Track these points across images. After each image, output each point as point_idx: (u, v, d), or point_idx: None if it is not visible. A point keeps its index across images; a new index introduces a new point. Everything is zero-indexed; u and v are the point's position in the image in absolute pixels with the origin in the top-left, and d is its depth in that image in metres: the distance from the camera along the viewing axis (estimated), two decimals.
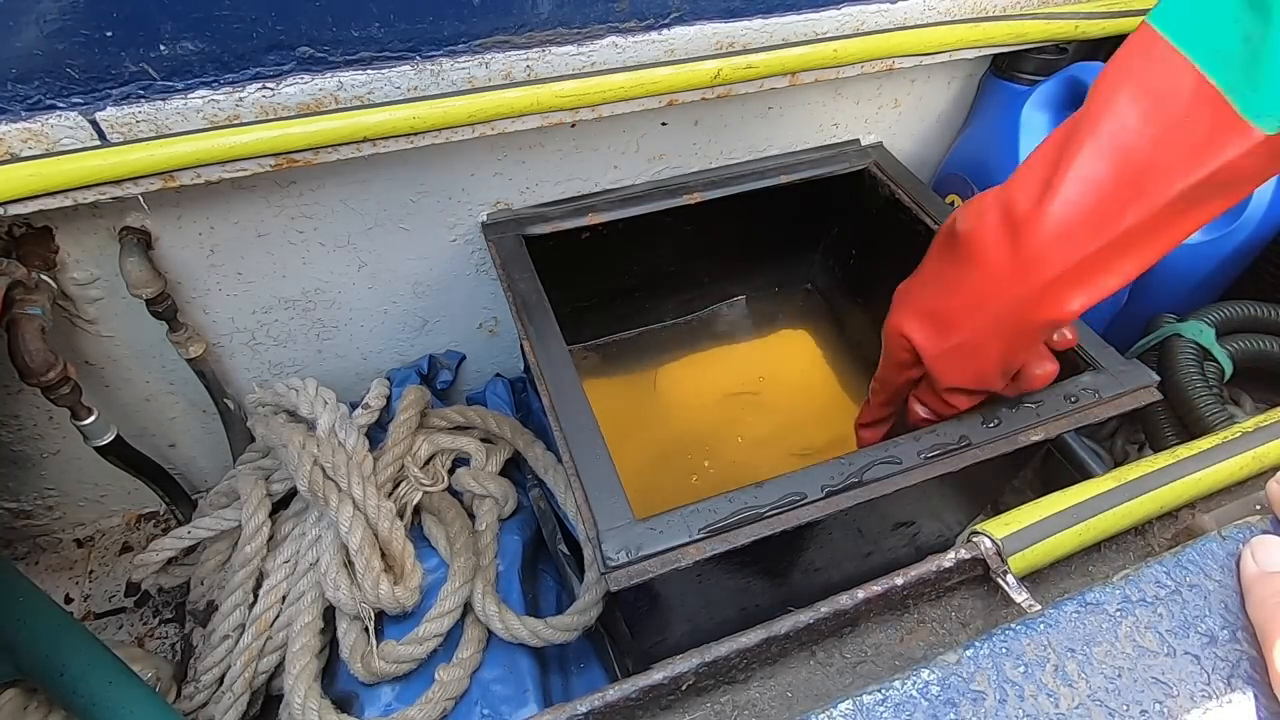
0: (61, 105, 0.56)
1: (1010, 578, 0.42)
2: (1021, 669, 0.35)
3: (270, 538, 0.73)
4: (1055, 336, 0.53)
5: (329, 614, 0.69)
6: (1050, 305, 0.45)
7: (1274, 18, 0.37)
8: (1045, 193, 0.42)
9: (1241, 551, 0.39)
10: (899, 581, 0.41)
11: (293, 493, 0.77)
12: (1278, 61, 0.37)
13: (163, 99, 0.58)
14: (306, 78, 0.61)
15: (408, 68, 0.63)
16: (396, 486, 0.75)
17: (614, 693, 0.36)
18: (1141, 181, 0.41)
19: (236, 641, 0.69)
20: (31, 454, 0.82)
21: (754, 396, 0.91)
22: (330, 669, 0.69)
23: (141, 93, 0.57)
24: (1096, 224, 0.42)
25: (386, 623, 0.69)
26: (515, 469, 0.83)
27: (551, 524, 0.77)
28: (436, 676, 0.64)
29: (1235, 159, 0.39)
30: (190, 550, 0.77)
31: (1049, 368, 0.53)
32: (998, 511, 0.46)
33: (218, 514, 0.76)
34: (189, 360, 0.76)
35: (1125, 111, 0.41)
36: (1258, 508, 0.45)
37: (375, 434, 0.79)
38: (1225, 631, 0.37)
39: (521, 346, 0.65)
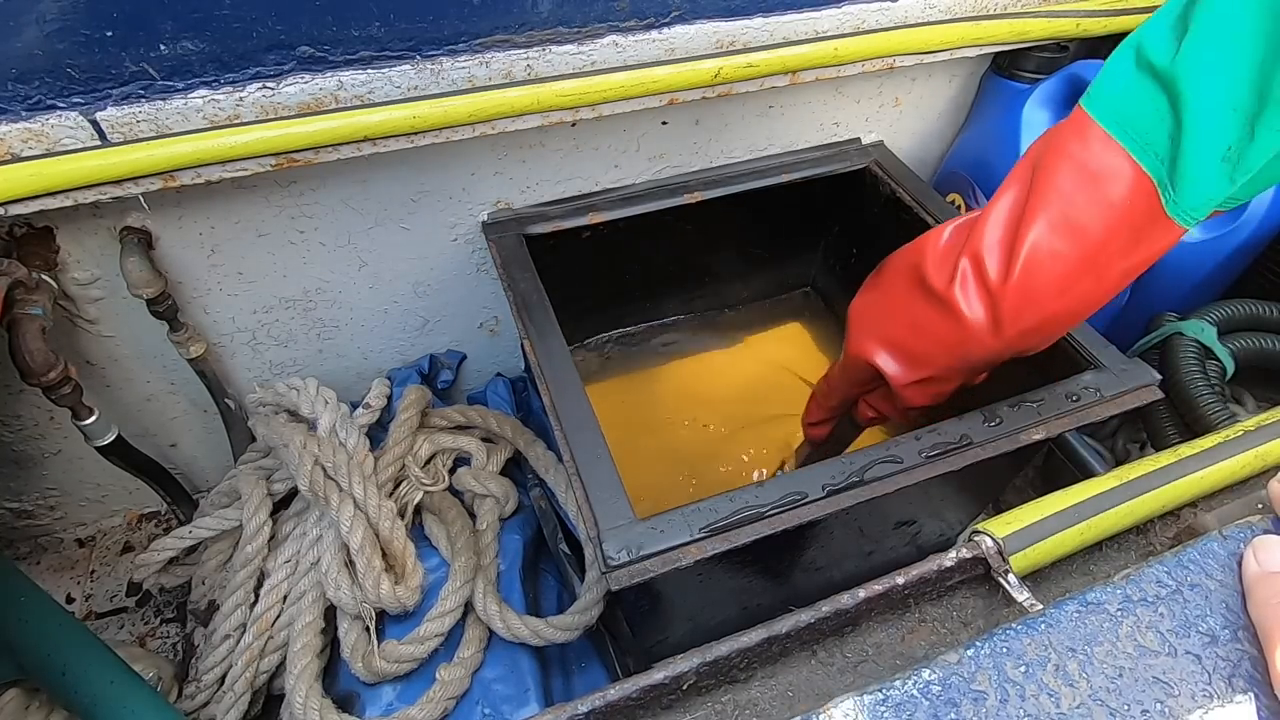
0: (62, 105, 0.56)
1: (1011, 577, 0.42)
2: (1023, 669, 0.35)
3: (271, 537, 0.73)
4: (870, 412, 0.62)
5: (330, 614, 0.69)
6: (1018, 347, 0.50)
7: (1185, 124, 0.39)
8: (1010, 264, 0.46)
9: (1243, 551, 0.39)
10: (900, 581, 0.41)
11: (294, 492, 0.77)
12: (1191, 165, 0.40)
13: (163, 99, 0.58)
14: (307, 77, 0.61)
15: (408, 67, 0.63)
16: (397, 486, 0.75)
17: (615, 692, 0.36)
18: (1096, 259, 0.45)
19: (238, 641, 0.69)
20: (33, 454, 0.83)
21: (755, 395, 0.91)
22: (331, 669, 0.69)
23: (142, 93, 0.57)
24: (1058, 290, 0.46)
25: (387, 622, 0.69)
26: (516, 468, 0.83)
27: (552, 523, 0.77)
28: (438, 676, 0.64)
29: (1165, 248, 0.44)
30: (191, 550, 0.77)
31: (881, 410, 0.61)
32: (999, 510, 0.46)
33: (219, 514, 0.76)
34: (190, 360, 0.76)
35: (1072, 193, 0.44)
36: (1260, 506, 0.45)
37: (376, 434, 0.79)
38: (1226, 631, 0.36)
39: (522, 346, 0.65)
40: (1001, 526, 0.43)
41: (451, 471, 0.78)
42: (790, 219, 0.92)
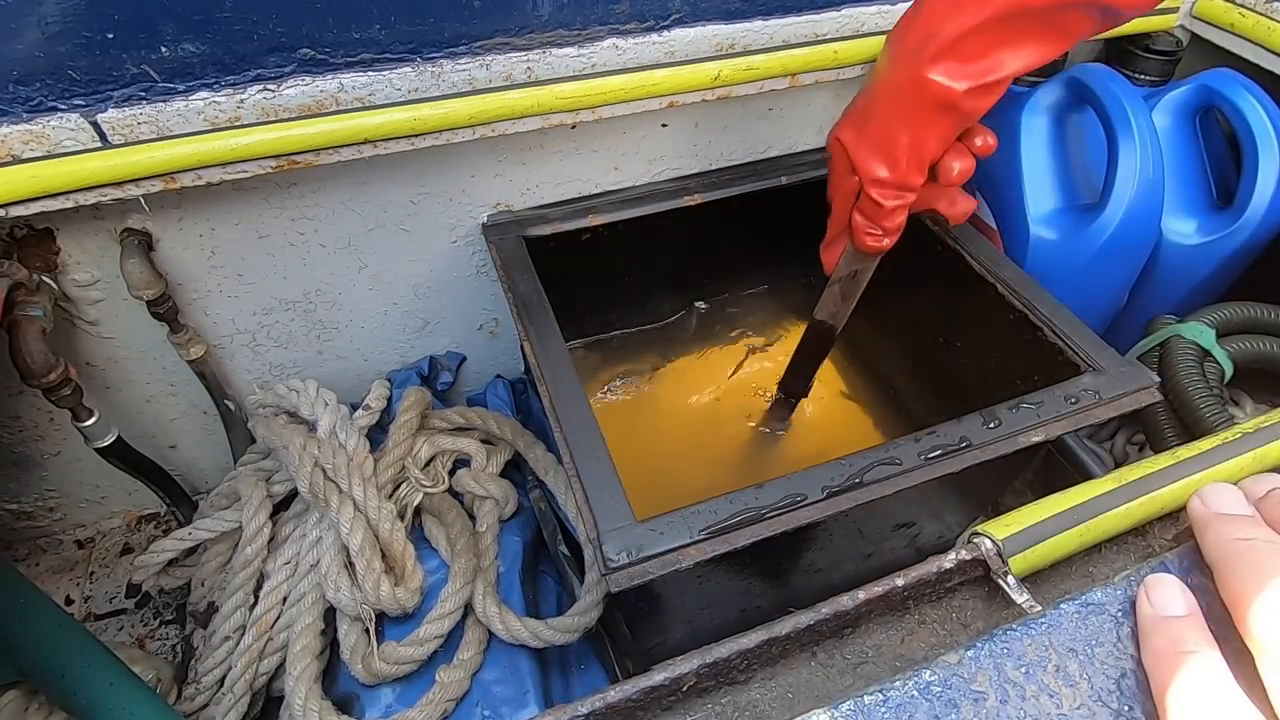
0: (63, 107, 0.56)
1: (1011, 579, 0.42)
2: (1023, 670, 0.35)
3: (271, 539, 0.73)
4: (978, 141, 0.57)
5: (330, 615, 0.69)
6: (935, 74, 0.50)
7: None
8: None
9: (1138, 592, 0.37)
10: (899, 582, 0.41)
11: (293, 494, 0.77)
12: None
13: (164, 101, 0.58)
14: (308, 79, 0.61)
15: (409, 69, 0.63)
16: (397, 488, 0.75)
17: (615, 694, 0.36)
18: None
19: (237, 643, 0.69)
20: (32, 455, 0.83)
21: (754, 397, 0.91)
22: (331, 670, 0.69)
23: (143, 94, 0.58)
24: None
25: (387, 624, 0.69)
26: (516, 470, 0.83)
27: (552, 525, 0.77)
28: (437, 678, 0.64)
29: None
30: (191, 552, 0.77)
31: (966, 163, 0.57)
32: (998, 512, 0.46)
33: (218, 515, 0.76)
34: (190, 362, 0.76)
35: None
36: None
37: (376, 435, 0.79)
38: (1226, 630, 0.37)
39: (522, 347, 0.65)
40: (1001, 528, 0.43)
41: (451, 473, 0.78)
42: (790, 221, 0.92)
